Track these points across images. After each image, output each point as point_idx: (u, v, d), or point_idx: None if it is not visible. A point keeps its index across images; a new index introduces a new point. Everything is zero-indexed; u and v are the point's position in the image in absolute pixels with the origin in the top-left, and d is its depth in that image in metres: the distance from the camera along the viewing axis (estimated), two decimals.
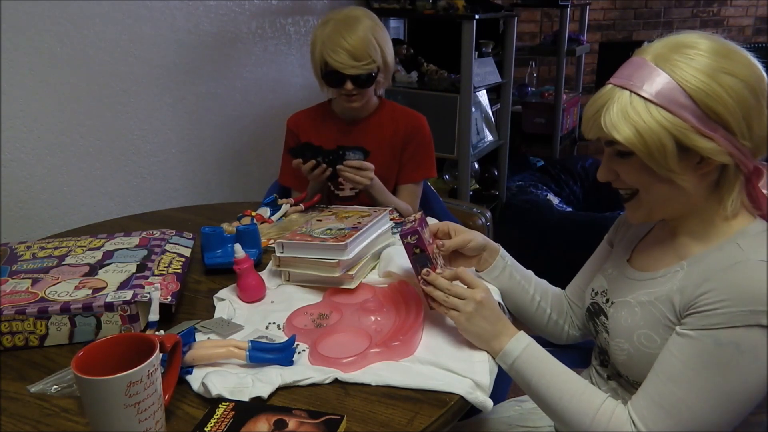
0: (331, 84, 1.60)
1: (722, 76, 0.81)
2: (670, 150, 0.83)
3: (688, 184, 0.86)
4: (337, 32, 1.54)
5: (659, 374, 0.84)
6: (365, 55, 1.54)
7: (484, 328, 0.95)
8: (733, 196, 0.88)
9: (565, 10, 3.53)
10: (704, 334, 0.81)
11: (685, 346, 0.82)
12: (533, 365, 0.93)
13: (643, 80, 0.84)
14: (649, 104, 0.83)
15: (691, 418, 0.81)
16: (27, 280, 1.09)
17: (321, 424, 0.79)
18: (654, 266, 0.96)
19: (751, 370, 0.79)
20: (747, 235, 0.86)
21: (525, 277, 1.16)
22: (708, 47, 0.83)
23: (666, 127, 0.82)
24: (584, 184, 3.71)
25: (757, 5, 4.64)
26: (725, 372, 0.79)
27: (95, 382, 0.70)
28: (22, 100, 1.72)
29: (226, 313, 1.11)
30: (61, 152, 1.85)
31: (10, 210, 1.75)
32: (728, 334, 0.79)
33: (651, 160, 0.85)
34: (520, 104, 3.87)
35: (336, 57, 1.53)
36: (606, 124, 0.85)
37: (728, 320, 0.79)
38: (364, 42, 1.54)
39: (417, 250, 1.00)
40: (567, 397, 0.89)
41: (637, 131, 0.83)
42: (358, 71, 1.55)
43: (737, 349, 0.78)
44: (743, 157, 0.85)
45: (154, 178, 2.16)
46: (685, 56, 0.83)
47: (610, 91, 0.86)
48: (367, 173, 1.53)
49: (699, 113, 0.82)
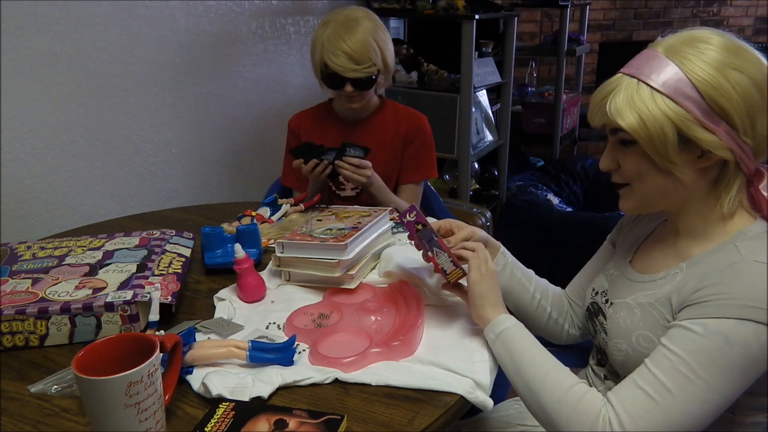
0: (331, 86, 1.60)
1: (730, 71, 0.82)
2: (671, 140, 0.83)
3: (686, 177, 0.86)
4: (338, 35, 1.53)
5: (647, 363, 0.83)
6: (365, 59, 1.54)
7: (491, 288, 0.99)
8: (731, 194, 0.88)
9: (565, 10, 3.53)
10: (694, 322, 0.81)
11: (674, 334, 0.82)
12: (520, 338, 0.94)
13: (651, 70, 0.84)
14: (654, 93, 0.83)
15: (676, 407, 0.79)
16: (27, 280, 1.09)
17: (321, 424, 0.79)
18: (655, 268, 0.96)
19: (738, 364, 0.78)
20: (746, 237, 0.86)
21: (526, 276, 1.16)
22: (719, 43, 0.84)
23: (669, 117, 0.83)
24: (584, 184, 3.71)
25: (757, 5, 4.65)
26: (712, 362, 0.78)
27: (95, 382, 0.70)
28: (22, 100, 1.72)
29: (226, 313, 1.11)
30: (61, 152, 1.85)
31: (10, 210, 1.75)
32: (718, 324, 0.78)
33: (652, 149, 0.85)
34: (520, 104, 3.88)
35: (336, 60, 1.53)
36: (611, 110, 0.86)
37: (719, 311, 0.79)
38: (364, 45, 1.53)
39: (419, 226, 1.01)
40: (542, 373, 0.89)
41: (640, 118, 0.84)
42: (358, 74, 1.55)
43: (726, 340, 0.78)
44: (744, 155, 0.85)
45: (154, 178, 2.16)
46: (696, 49, 0.83)
47: (618, 79, 0.87)
48: (364, 171, 1.53)
49: (704, 106, 0.82)
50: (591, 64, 4.43)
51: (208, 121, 2.32)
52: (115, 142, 2.00)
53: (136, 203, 2.10)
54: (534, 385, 0.89)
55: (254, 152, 2.54)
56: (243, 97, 2.45)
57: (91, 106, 1.90)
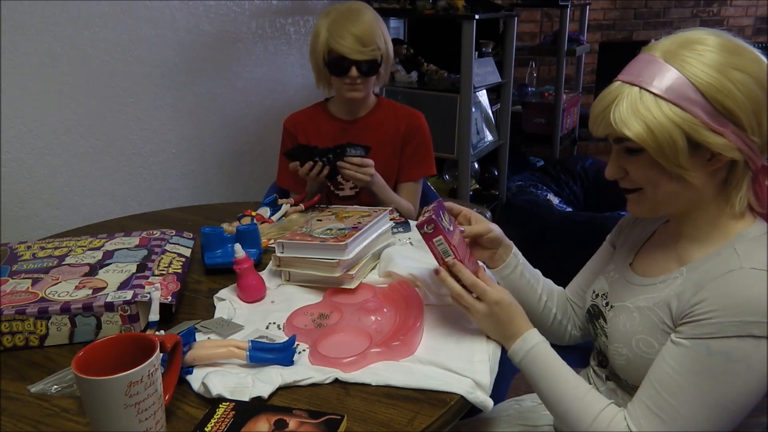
0: (335, 71, 1.59)
1: (732, 71, 0.81)
2: (681, 146, 0.83)
3: (697, 180, 0.86)
4: (344, 18, 1.56)
5: (654, 383, 0.84)
6: (371, 41, 1.56)
7: (495, 331, 0.98)
8: (741, 193, 0.87)
9: (565, 10, 3.53)
10: (697, 343, 0.81)
11: (679, 355, 0.82)
12: (537, 367, 0.93)
13: (652, 76, 0.83)
14: (659, 100, 0.82)
15: (686, 426, 0.81)
16: (27, 280, 1.09)
17: (321, 424, 0.79)
18: (655, 272, 0.96)
19: (743, 380, 0.79)
20: (745, 239, 0.86)
21: (534, 277, 1.16)
22: (716, 43, 0.83)
23: (677, 123, 0.82)
24: (584, 184, 3.70)
25: (757, 5, 4.65)
26: (718, 381, 0.79)
27: (95, 382, 0.70)
28: (22, 100, 1.72)
29: (226, 313, 1.11)
30: (61, 152, 1.85)
31: (10, 210, 1.75)
32: (719, 344, 0.79)
33: (661, 157, 0.84)
34: (520, 104, 3.87)
35: (343, 42, 1.54)
36: (616, 120, 0.85)
37: (720, 330, 0.79)
38: (370, 28, 1.56)
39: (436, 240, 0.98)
40: (567, 401, 0.90)
41: (647, 127, 0.83)
42: (365, 56, 1.56)
43: (728, 358, 0.78)
44: (752, 153, 0.84)
45: (154, 178, 2.16)
46: (694, 52, 0.82)
47: (618, 88, 0.86)
48: (367, 170, 1.53)
49: (709, 109, 0.82)
50: (591, 64, 4.43)
51: (208, 121, 2.32)
52: (115, 142, 2.00)
53: (136, 203, 2.10)
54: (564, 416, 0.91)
55: (254, 152, 2.54)
56: (243, 97, 2.45)
57: (91, 106, 1.90)
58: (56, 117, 1.82)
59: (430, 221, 0.97)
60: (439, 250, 0.98)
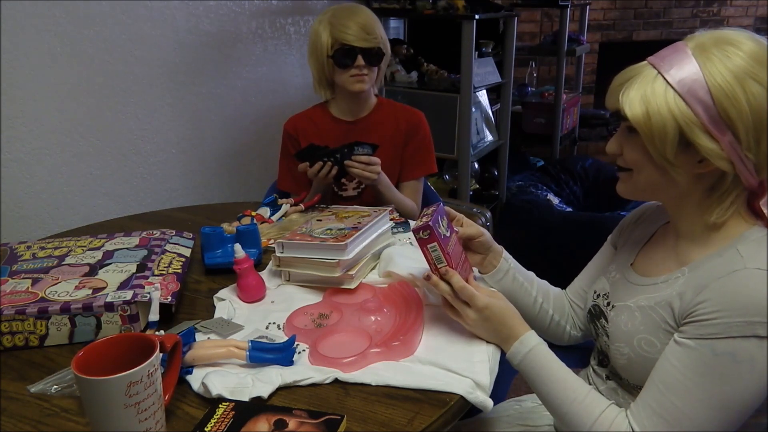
0: (341, 63, 1.60)
1: (750, 81, 0.80)
2: (671, 139, 0.83)
3: (681, 179, 0.86)
4: (345, 12, 1.61)
5: (658, 384, 0.84)
6: (374, 30, 1.60)
7: (489, 335, 0.98)
8: (722, 205, 0.87)
9: (565, 10, 3.53)
10: (701, 343, 0.81)
11: (683, 356, 0.82)
12: (535, 369, 0.93)
13: (672, 64, 0.84)
14: (668, 89, 0.83)
15: (690, 427, 0.81)
16: (27, 280, 1.09)
17: (321, 424, 0.79)
18: (656, 271, 0.96)
19: (748, 380, 0.79)
20: (747, 240, 0.86)
21: (527, 279, 1.16)
22: (749, 49, 0.82)
23: (675, 116, 0.82)
24: (584, 184, 3.70)
25: (757, 5, 4.64)
26: (723, 382, 0.79)
27: (95, 382, 0.70)
28: (22, 100, 1.72)
29: (226, 313, 1.11)
30: (61, 152, 1.85)
31: (10, 210, 1.75)
32: (724, 344, 0.79)
33: (650, 143, 0.85)
34: (520, 104, 3.87)
35: (348, 31, 1.57)
36: (623, 98, 0.86)
37: (724, 330, 0.79)
38: (372, 19, 1.62)
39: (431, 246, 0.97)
40: (567, 403, 0.90)
41: (647, 112, 0.83)
42: (369, 44, 1.58)
43: (733, 359, 0.78)
44: (745, 168, 0.83)
45: (154, 178, 2.16)
46: (723, 52, 0.82)
47: (641, 68, 0.87)
48: (374, 168, 1.53)
49: (713, 112, 0.81)
50: (591, 64, 4.42)
51: (208, 121, 2.32)
52: (115, 142, 2.00)
53: (136, 203, 2.10)
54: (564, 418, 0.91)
55: (254, 152, 2.54)
56: (243, 97, 2.45)
57: (91, 106, 1.90)
58: (56, 117, 1.82)
59: (426, 227, 0.97)
60: (433, 256, 0.98)
